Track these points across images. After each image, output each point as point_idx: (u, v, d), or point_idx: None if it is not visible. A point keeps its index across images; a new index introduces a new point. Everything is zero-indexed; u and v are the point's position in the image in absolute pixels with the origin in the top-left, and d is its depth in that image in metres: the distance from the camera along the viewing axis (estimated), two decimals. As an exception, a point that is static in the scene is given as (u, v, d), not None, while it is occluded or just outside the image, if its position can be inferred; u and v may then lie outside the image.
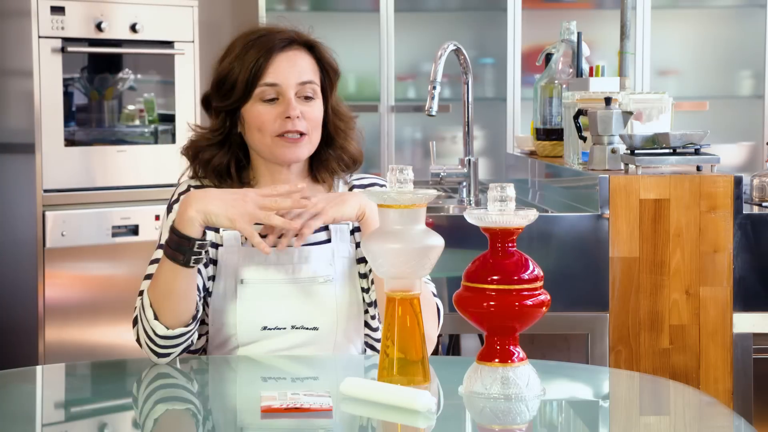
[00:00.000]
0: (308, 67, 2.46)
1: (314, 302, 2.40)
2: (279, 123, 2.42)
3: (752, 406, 3.22)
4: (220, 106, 2.46)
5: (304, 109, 2.44)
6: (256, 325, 2.39)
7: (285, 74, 2.43)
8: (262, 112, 2.43)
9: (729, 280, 3.17)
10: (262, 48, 2.43)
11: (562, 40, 3.88)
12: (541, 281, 1.99)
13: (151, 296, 2.33)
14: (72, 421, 2.09)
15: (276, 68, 2.43)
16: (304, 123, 2.43)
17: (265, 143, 2.44)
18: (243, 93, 2.43)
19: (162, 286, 2.31)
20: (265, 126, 2.43)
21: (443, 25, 5.90)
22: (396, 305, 2.04)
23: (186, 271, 2.29)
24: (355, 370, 2.40)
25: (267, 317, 2.39)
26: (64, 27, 4.64)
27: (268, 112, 2.43)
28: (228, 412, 2.08)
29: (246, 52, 2.44)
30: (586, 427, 1.99)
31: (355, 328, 2.45)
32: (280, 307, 2.39)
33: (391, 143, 5.63)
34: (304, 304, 2.39)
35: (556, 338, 3.55)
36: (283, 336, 2.40)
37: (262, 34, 2.46)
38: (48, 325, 4.60)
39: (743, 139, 5.82)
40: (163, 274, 2.31)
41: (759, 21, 5.76)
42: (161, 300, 2.31)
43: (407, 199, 2.01)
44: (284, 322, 2.39)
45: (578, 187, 3.36)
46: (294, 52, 2.46)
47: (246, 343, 2.40)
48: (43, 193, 4.61)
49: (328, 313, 2.41)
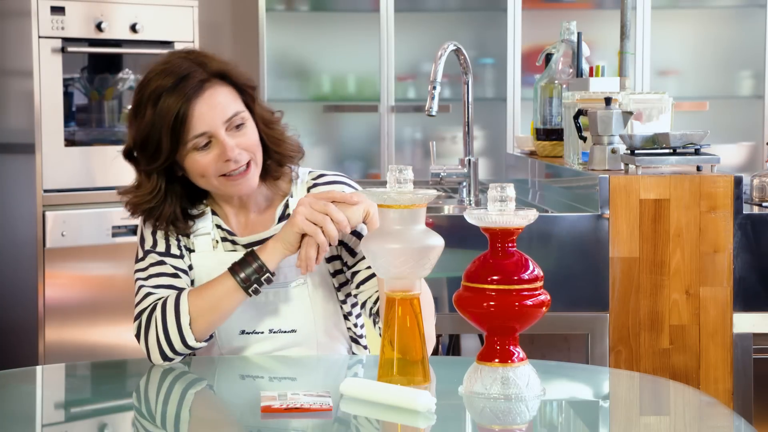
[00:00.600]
0: (229, 100, 2.37)
1: (289, 306, 2.41)
2: (220, 165, 2.35)
3: (752, 406, 3.22)
4: (150, 169, 2.38)
5: (240, 140, 2.36)
6: (234, 329, 2.41)
7: (209, 119, 2.34)
8: (199, 161, 2.35)
9: (729, 280, 3.17)
10: (178, 99, 2.32)
11: (562, 40, 3.88)
12: (541, 281, 1.99)
13: (192, 305, 2.32)
14: (72, 421, 2.09)
15: (199, 116, 2.33)
16: (245, 154, 2.36)
17: (213, 185, 2.39)
18: (170, 151, 2.34)
19: (212, 301, 2.32)
20: (207, 171, 2.36)
21: (443, 25, 5.90)
22: (396, 305, 2.04)
23: (243, 296, 2.31)
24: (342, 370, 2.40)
25: (243, 322, 2.40)
26: (64, 27, 4.64)
27: (205, 159, 2.35)
28: (228, 412, 2.08)
29: (162, 106, 2.32)
30: (587, 428, 1.99)
31: (336, 325, 2.47)
32: (255, 312, 2.41)
33: (391, 143, 5.63)
34: (279, 308, 2.41)
35: (556, 338, 3.55)
36: (263, 341, 2.41)
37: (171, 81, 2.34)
38: (48, 325, 4.60)
39: (743, 139, 5.82)
40: (218, 290, 2.31)
41: (759, 21, 5.76)
42: (205, 312, 2.32)
43: (407, 200, 2.01)
44: (261, 326, 2.41)
45: (578, 188, 3.36)
46: (210, 92, 2.35)
47: (228, 348, 2.41)
48: (43, 193, 4.61)
49: (303, 315, 2.42)
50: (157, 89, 2.33)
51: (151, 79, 2.35)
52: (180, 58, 2.37)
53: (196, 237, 2.43)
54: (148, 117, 2.33)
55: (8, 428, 1.95)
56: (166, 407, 2.15)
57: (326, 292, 2.45)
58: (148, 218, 2.42)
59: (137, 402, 2.18)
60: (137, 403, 2.18)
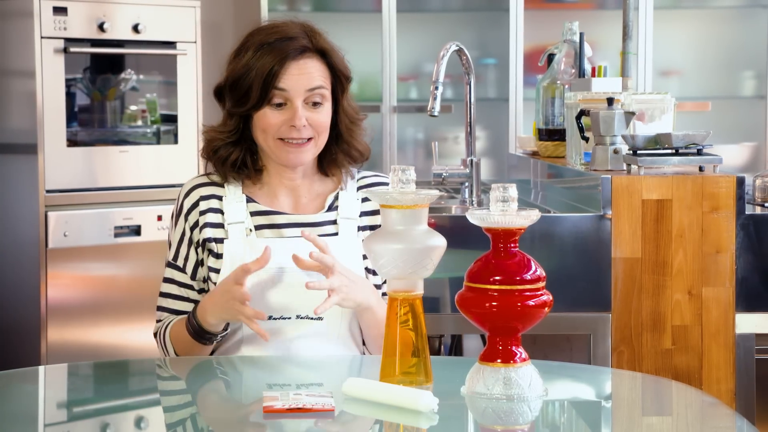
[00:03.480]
0: (318, 74, 2.49)
1: (319, 292, 2.41)
2: (284, 129, 2.47)
3: (755, 407, 3.22)
4: (234, 111, 2.50)
5: (311, 115, 2.48)
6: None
7: (294, 81, 2.46)
8: (268, 116, 2.47)
9: (731, 281, 3.17)
10: (276, 55, 2.46)
11: (565, 41, 3.88)
12: (543, 282, 1.99)
13: (175, 344, 2.48)
14: (74, 421, 2.09)
15: (288, 76, 2.46)
16: (310, 129, 2.48)
17: (268, 145, 2.49)
18: (257, 101, 2.47)
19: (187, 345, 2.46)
20: (270, 129, 2.47)
21: (445, 25, 5.90)
22: (398, 305, 2.04)
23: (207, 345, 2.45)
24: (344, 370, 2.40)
25: (273, 307, 2.42)
26: (66, 27, 4.64)
27: (274, 117, 2.47)
28: (230, 413, 2.08)
29: (261, 57, 2.46)
30: (589, 428, 1.99)
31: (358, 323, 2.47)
32: (285, 296, 2.42)
33: (393, 144, 5.63)
34: (309, 294, 2.40)
35: (558, 339, 3.55)
36: (289, 326, 2.42)
37: (278, 38, 2.48)
38: (50, 325, 4.61)
39: (746, 139, 5.82)
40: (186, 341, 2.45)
41: (761, 21, 5.76)
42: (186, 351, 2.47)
43: (409, 200, 2.01)
44: (289, 312, 2.42)
45: (580, 188, 3.36)
46: (306, 60, 2.49)
47: (252, 334, 2.41)
48: (45, 193, 4.61)
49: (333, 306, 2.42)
50: (263, 40, 2.48)
51: (261, 29, 2.52)
52: (293, 23, 2.54)
53: (229, 225, 2.48)
54: (245, 62, 2.47)
55: (11, 428, 1.95)
56: (169, 407, 2.15)
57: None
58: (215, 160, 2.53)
59: (139, 402, 2.18)
60: (139, 403, 2.18)
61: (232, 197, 2.51)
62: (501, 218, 1.97)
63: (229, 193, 2.52)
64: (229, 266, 2.44)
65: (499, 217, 1.97)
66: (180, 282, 2.53)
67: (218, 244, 2.48)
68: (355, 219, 2.50)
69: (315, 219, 2.49)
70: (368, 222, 2.52)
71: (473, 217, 1.99)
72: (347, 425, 1.96)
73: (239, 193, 2.52)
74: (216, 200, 2.52)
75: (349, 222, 2.49)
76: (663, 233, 3.15)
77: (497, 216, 1.97)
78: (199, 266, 2.51)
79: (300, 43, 2.48)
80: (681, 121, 4.65)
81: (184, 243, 2.52)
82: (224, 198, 2.51)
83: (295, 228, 2.48)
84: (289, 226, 2.49)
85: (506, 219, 1.97)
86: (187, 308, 2.51)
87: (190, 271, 2.52)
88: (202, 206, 2.52)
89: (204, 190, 2.53)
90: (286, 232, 2.48)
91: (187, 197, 2.53)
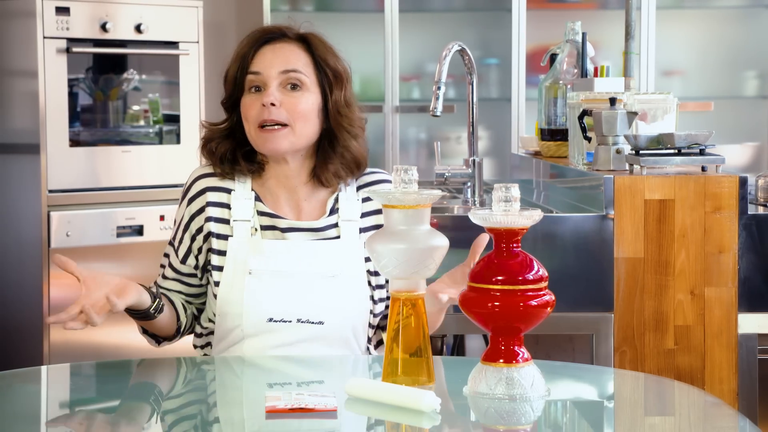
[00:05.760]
0: (295, 58, 2.47)
1: (320, 297, 2.40)
2: (259, 110, 2.45)
3: (757, 407, 3.22)
4: (223, 102, 2.52)
5: (287, 99, 2.45)
6: (261, 316, 2.40)
7: (268, 62, 2.46)
8: (246, 102, 2.48)
9: (734, 281, 3.16)
10: (252, 41, 2.49)
11: (567, 41, 3.88)
12: (545, 282, 1.99)
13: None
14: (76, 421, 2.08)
15: (261, 58, 2.47)
16: (284, 113, 2.44)
17: (250, 134, 2.49)
18: (233, 85, 2.48)
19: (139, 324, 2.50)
20: (249, 115, 2.47)
21: (448, 25, 5.90)
22: (400, 305, 2.04)
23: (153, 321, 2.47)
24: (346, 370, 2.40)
25: (273, 309, 2.41)
26: (68, 27, 4.64)
27: (251, 101, 2.47)
28: (232, 413, 2.08)
29: (241, 46, 2.50)
30: (591, 428, 1.99)
31: (363, 326, 2.46)
32: (286, 300, 2.41)
33: (395, 143, 5.63)
34: (310, 298, 2.40)
35: (560, 339, 3.55)
36: (289, 329, 2.41)
37: (262, 29, 2.52)
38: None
39: (748, 139, 5.82)
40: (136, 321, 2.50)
41: (764, 21, 5.76)
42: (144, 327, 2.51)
43: (412, 200, 2.01)
44: (290, 315, 2.41)
45: (583, 188, 3.35)
46: (282, 45, 2.49)
47: (251, 335, 2.41)
48: (47, 193, 4.61)
49: (333, 308, 2.41)
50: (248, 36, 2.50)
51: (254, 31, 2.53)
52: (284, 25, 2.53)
53: (235, 222, 2.47)
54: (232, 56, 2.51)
55: (13, 428, 1.95)
56: (171, 407, 2.15)
57: (360, 289, 2.45)
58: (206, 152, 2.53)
59: (141, 402, 2.18)
60: (141, 403, 2.18)
61: (240, 192, 2.49)
62: (503, 218, 1.97)
63: (238, 187, 2.50)
64: (232, 264, 2.43)
65: (502, 217, 1.97)
66: (171, 265, 2.54)
67: (219, 240, 2.47)
68: (356, 221, 2.49)
69: (317, 225, 2.48)
70: (370, 223, 2.50)
71: (475, 217, 1.98)
72: (350, 425, 1.96)
73: (248, 190, 2.50)
74: (225, 193, 2.49)
75: (350, 224, 2.48)
76: (665, 233, 3.15)
77: (500, 216, 1.97)
78: (190, 253, 2.50)
79: (277, 29, 2.50)
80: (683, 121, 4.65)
81: (181, 227, 2.52)
82: (233, 192, 2.49)
83: (297, 233, 2.46)
84: (292, 230, 2.47)
85: (509, 219, 1.97)
86: (175, 288, 2.53)
87: (180, 255, 2.52)
88: (209, 197, 2.49)
89: (213, 181, 2.51)
90: (289, 236, 2.47)
91: (196, 182, 2.52)
